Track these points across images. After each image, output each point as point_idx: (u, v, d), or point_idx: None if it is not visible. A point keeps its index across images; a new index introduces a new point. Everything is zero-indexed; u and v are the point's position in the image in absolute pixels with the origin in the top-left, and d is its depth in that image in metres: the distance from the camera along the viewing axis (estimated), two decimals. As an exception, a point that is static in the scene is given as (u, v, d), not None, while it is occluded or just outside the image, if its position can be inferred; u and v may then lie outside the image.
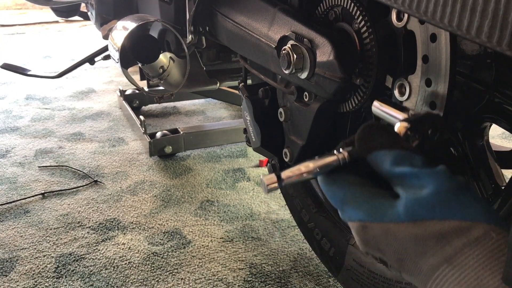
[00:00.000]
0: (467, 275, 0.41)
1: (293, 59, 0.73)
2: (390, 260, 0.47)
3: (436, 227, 0.43)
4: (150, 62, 1.31)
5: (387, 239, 0.46)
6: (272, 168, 0.93)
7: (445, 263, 0.42)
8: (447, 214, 0.43)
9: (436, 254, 0.43)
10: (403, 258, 0.45)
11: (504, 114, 0.64)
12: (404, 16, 0.64)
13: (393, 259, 0.46)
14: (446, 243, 0.43)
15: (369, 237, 0.47)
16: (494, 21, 0.36)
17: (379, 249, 0.47)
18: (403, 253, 0.45)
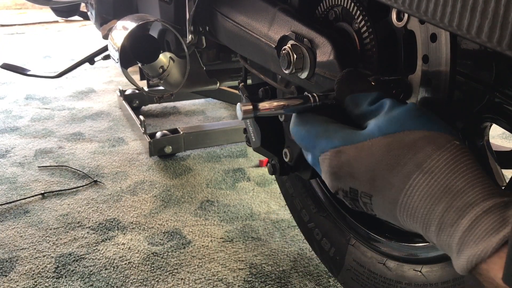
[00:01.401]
0: (437, 178, 0.44)
1: (293, 59, 0.73)
2: (361, 184, 0.48)
3: (408, 137, 0.47)
4: (150, 62, 1.31)
5: (360, 158, 0.48)
6: (272, 168, 0.93)
7: (417, 170, 0.45)
8: (417, 126, 0.48)
9: (407, 163, 0.46)
10: (375, 176, 0.47)
11: (504, 114, 0.64)
12: (404, 16, 0.64)
13: (365, 180, 0.48)
14: (418, 150, 0.46)
15: (343, 161, 0.49)
16: (494, 21, 0.36)
17: (351, 175, 0.49)
18: (375, 170, 0.47)
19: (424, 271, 0.76)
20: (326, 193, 1.01)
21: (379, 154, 0.47)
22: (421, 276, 0.76)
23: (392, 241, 0.84)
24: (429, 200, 0.44)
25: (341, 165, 0.49)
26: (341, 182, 0.50)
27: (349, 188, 0.49)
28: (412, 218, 0.46)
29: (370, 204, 0.49)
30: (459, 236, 0.43)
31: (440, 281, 0.72)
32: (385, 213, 0.48)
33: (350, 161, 0.49)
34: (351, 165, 0.49)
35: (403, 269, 0.80)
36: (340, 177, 0.50)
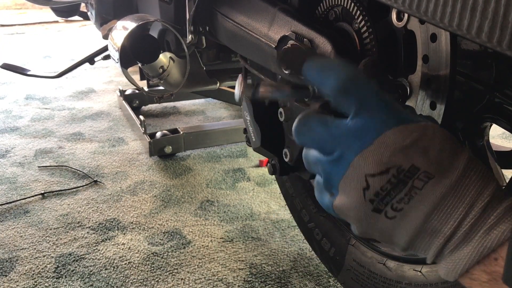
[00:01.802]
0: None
1: (293, 59, 0.73)
2: (429, 162, 0.46)
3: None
4: (150, 62, 1.31)
5: (431, 136, 0.47)
6: (272, 168, 0.93)
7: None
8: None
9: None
10: (443, 158, 0.47)
11: (504, 114, 0.64)
12: (404, 16, 0.64)
13: (434, 159, 0.46)
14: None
15: (417, 137, 0.47)
16: (494, 21, 0.36)
17: (424, 151, 0.47)
18: (444, 151, 0.47)
19: (424, 271, 0.76)
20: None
21: (443, 135, 0.47)
22: (421, 276, 0.76)
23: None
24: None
25: (418, 139, 0.46)
26: (405, 158, 0.46)
27: (410, 165, 0.45)
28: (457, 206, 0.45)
29: (418, 191, 0.45)
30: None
31: (440, 281, 0.72)
32: (420, 204, 0.45)
33: (426, 136, 0.47)
34: (427, 140, 0.47)
35: (403, 269, 0.80)
36: (407, 152, 0.46)
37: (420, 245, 0.47)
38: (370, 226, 0.49)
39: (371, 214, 0.47)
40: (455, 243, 0.45)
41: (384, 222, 0.47)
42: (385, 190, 0.46)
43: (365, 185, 0.47)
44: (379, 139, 0.46)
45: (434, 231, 0.46)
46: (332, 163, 0.49)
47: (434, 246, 0.46)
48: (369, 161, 0.46)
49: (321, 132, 0.50)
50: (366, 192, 0.47)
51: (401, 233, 0.47)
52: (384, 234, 0.49)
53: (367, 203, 0.47)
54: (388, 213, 0.46)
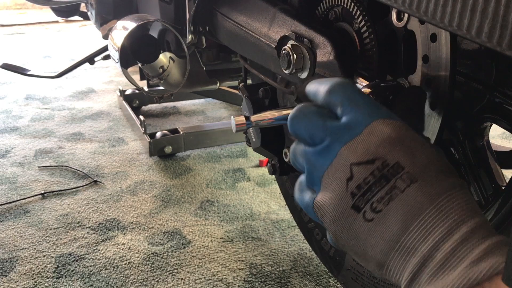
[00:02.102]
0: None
1: (293, 59, 0.73)
2: (413, 165, 0.46)
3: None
4: (150, 62, 1.31)
5: (418, 140, 0.48)
6: (272, 168, 0.93)
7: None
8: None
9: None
10: (429, 164, 0.46)
11: (504, 114, 0.64)
12: (404, 16, 0.64)
13: (418, 164, 0.46)
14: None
15: (404, 134, 0.47)
16: (494, 21, 0.36)
17: (409, 150, 0.46)
18: (430, 159, 0.47)
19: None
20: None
21: (435, 152, 0.47)
22: (421, 276, 0.76)
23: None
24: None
25: (406, 137, 0.46)
26: (391, 152, 0.45)
27: (395, 162, 0.45)
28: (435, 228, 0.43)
29: (399, 193, 0.44)
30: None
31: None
32: (400, 210, 0.44)
33: (415, 138, 0.47)
34: (416, 142, 0.46)
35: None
36: (395, 146, 0.46)
37: (395, 262, 0.45)
38: (346, 229, 0.47)
39: (349, 212, 0.46)
40: (434, 268, 0.42)
41: (361, 225, 0.46)
42: (367, 183, 0.45)
43: (349, 175, 0.46)
44: (368, 128, 0.47)
45: (412, 248, 0.43)
46: (318, 153, 0.49)
47: (410, 266, 0.43)
48: (356, 150, 0.46)
49: (315, 121, 0.50)
50: (349, 183, 0.46)
51: (377, 242, 0.45)
52: (359, 241, 0.47)
53: (348, 197, 0.46)
54: (367, 214, 0.45)
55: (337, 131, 0.48)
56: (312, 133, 0.50)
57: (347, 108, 0.49)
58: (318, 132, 0.50)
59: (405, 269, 0.44)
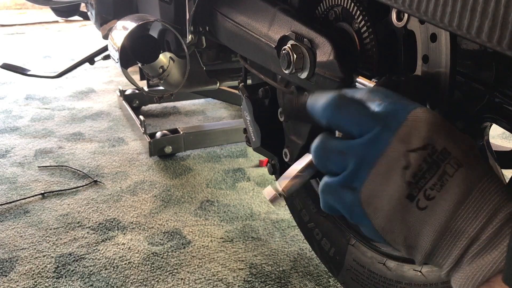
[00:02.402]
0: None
1: (293, 59, 0.73)
2: (459, 150, 0.46)
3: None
4: (150, 62, 1.31)
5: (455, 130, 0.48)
6: (272, 168, 0.93)
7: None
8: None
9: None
10: (470, 149, 0.47)
11: (504, 114, 0.64)
12: (404, 16, 0.64)
13: (463, 149, 0.46)
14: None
15: (446, 123, 0.48)
16: (494, 21, 0.36)
17: (454, 137, 0.47)
18: (472, 145, 0.47)
19: (424, 271, 0.76)
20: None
21: (469, 139, 0.48)
22: (421, 276, 0.76)
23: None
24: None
25: (445, 123, 0.46)
26: (438, 137, 0.45)
27: (442, 147, 0.45)
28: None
29: (449, 178, 0.44)
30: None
31: (440, 281, 0.72)
32: (451, 195, 0.44)
33: (451, 125, 0.47)
34: (452, 128, 0.47)
35: (403, 269, 0.80)
36: (440, 131, 0.46)
37: (443, 248, 0.45)
38: (399, 221, 0.46)
39: (404, 202, 0.45)
40: (478, 248, 0.43)
41: (414, 215, 0.45)
42: (422, 170, 0.45)
43: (405, 163, 0.45)
44: (412, 114, 0.46)
45: (459, 231, 0.44)
46: (368, 143, 0.47)
47: (456, 249, 0.44)
48: (408, 136, 0.46)
49: (362, 109, 0.48)
50: (406, 173, 0.45)
51: (428, 231, 0.45)
52: (411, 232, 0.46)
53: (404, 186, 0.45)
54: (420, 202, 0.45)
55: (384, 118, 0.47)
56: (360, 121, 0.48)
57: (385, 100, 0.48)
58: (367, 120, 0.48)
59: (451, 253, 0.45)
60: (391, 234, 0.47)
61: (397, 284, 0.81)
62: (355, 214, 0.49)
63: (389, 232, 0.47)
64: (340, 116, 0.49)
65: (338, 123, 0.50)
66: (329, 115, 0.50)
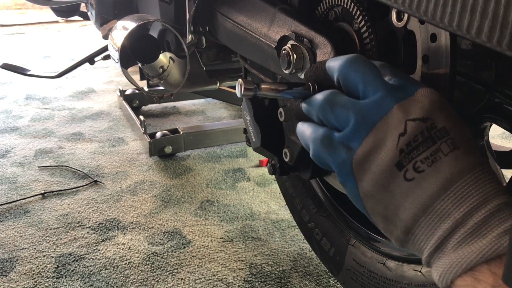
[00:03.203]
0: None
1: (293, 59, 0.73)
2: (458, 131, 0.47)
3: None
4: (150, 62, 1.31)
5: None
6: (272, 168, 0.93)
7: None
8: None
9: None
10: (467, 132, 0.48)
11: (504, 114, 0.64)
12: (404, 16, 0.64)
13: (460, 130, 0.47)
14: None
15: (448, 104, 0.49)
16: (494, 21, 0.36)
17: (454, 119, 0.48)
18: (467, 130, 0.48)
19: (424, 271, 0.76)
20: (326, 193, 1.01)
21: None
22: (421, 276, 0.76)
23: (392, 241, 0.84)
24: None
25: (448, 105, 0.48)
26: (440, 116, 0.47)
27: (442, 126, 0.46)
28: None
29: (442, 156, 0.45)
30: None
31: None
32: (441, 173, 0.44)
33: (452, 108, 0.48)
34: (453, 111, 0.48)
35: (403, 269, 0.80)
36: (443, 111, 0.47)
37: (423, 227, 0.44)
38: (384, 187, 0.47)
39: (392, 169, 0.46)
40: (462, 235, 0.42)
41: (399, 184, 0.46)
42: (416, 141, 0.46)
43: (402, 130, 0.46)
44: (420, 91, 0.49)
45: (444, 213, 0.43)
46: (372, 105, 0.49)
47: (439, 232, 0.43)
48: (411, 107, 0.47)
49: (374, 73, 0.51)
50: (400, 139, 0.46)
51: (410, 204, 0.45)
52: (392, 202, 0.46)
53: (396, 153, 0.46)
54: (408, 173, 0.45)
55: (392, 87, 0.49)
56: (368, 83, 0.50)
57: (396, 76, 0.51)
58: (375, 84, 0.50)
59: (433, 235, 0.44)
60: (372, 200, 0.48)
61: (397, 284, 0.81)
62: (344, 171, 0.50)
63: (371, 198, 0.48)
64: (353, 71, 0.51)
65: (349, 78, 0.52)
66: (342, 69, 0.52)
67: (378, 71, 0.51)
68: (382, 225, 0.49)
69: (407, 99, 0.48)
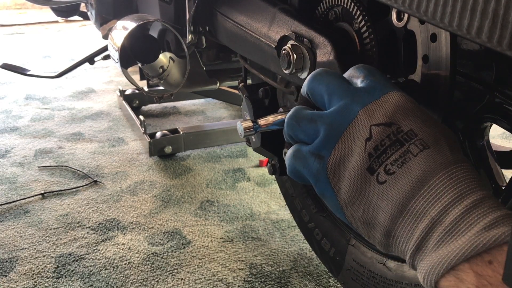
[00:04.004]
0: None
1: (293, 59, 0.73)
2: (427, 133, 0.47)
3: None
4: (150, 62, 1.31)
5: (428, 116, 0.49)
6: (272, 168, 0.93)
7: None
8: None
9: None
10: (441, 135, 0.48)
11: (504, 114, 0.64)
12: (404, 16, 0.64)
13: (431, 132, 0.47)
14: None
15: (416, 106, 0.50)
16: (494, 21, 0.36)
17: (423, 119, 0.48)
18: (442, 131, 0.48)
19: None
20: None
21: (447, 130, 0.49)
22: (421, 276, 0.76)
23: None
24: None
25: (418, 109, 0.49)
26: (405, 119, 0.47)
27: (409, 129, 0.47)
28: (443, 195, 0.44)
29: (412, 157, 0.45)
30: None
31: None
32: (412, 173, 0.45)
33: (426, 113, 0.49)
34: (427, 116, 0.48)
35: (403, 269, 0.80)
36: (408, 115, 0.48)
37: (402, 228, 0.44)
38: (359, 193, 0.47)
39: (365, 173, 0.47)
40: (441, 233, 0.42)
41: (374, 188, 0.46)
42: (383, 145, 0.46)
43: (368, 135, 0.47)
44: (385, 96, 0.49)
45: (420, 212, 0.43)
46: (338, 113, 0.50)
47: (418, 231, 0.43)
48: (375, 112, 0.48)
49: (338, 81, 0.52)
50: (367, 143, 0.47)
51: (386, 206, 0.45)
52: (369, 206, 0.47)
53: (366, 157, 0.47)
54: (380, 176, 0.46)
55: (357, 93, 0.50)
56: (333, 92, 0.51)
57: (368, 78, 0.52)
58: (339, 92, 0.51)
59: (412, 235, 0.44)
60: (351, 207, 0.49)
61: (397, 284, 0.81)
62: (320, 182, 0.51)
63: (349, 205, 0.49)
64: (317, 84, 0.53)
65: (315, 92, 0.53)
66: (309, 85, 0.54)
67: (343, 79, 0.53)
68: (364, 231, 0.49)
69: (372, 104, 0.49)
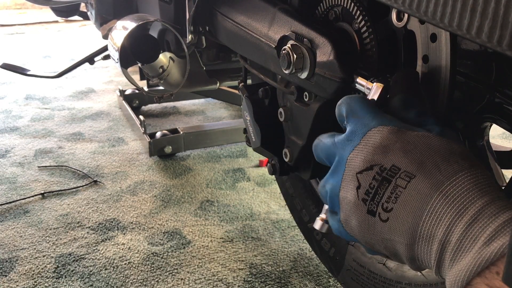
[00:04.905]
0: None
1: (293, 59, 0.73)
2: (409, 163, 0.48)
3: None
4: (150, 62, 1.31)
5: (417, 141, 0.50)
6: (272, 168, 0.93)
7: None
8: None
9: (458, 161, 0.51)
10: (426, 159, 0.49)
11: (504, 114, 0.64)
12: (404, 16, 0.64)
13: (414, 161, 0.49)
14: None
15: (400, 138, 0.51)
16: (494, 21, 0.36)
17: (404, 151, 0.49)
18: (429, 156, 0.49)
19: (424, 271, 0.76)
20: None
21: (436, 144, 0.49)
22: (421, 276, 0.76)
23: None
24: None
25: (397, 140, 0.50)
26: (386, 157, 0.49)
27: (391, 165, 0.49)
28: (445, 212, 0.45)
29: (402, 190, 0.47)
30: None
31: (440, 281, 0.72)
32: (409, 204, 0.47)
33: (407, 140, 0.50)
34: (407, 143, 0.50)
35: (403, 269, 0.80)
36: (387, 151, 0.49)
37: (421, 253, 0.47)
38: (371, 233, 0.50)
39: (367, 217, 0.49)
40: (452, 251, 0.43)
41: (382, 227, 0.49)
42: (373, 188, 0.49)
43: (357, 183, 0.50)
44: (364, 139, 0.52)
45: (430, 235, 0.45)
46: (334, 171, 0.54)
47: (433, 253, 0.45)
48: (357, 159, 0.51)
49: (327, 142, 0.56)
50: (359, 191, 0.50)
51: (400, 238, 0.47)
52: (386, 242, 0.49)
53: (361, 204, 0.50)
54: (382, 215, 0.48)
55: (342, 145, 0.54)
56: (327, 153, 0.56)
57: (350, 119, 0.55)
58: (331, 150, 0.55)
59: (430, 257, 0.46)
60: (374, 246, 0.52)
61: (397, 284, 0.81)
62: (343, 235, 0.56)
63: (372, 245, 0.52)
64: (317, 154, 0.59)
65: (321, 161, 0.58)
66: (316, 157, 0.60)
67: (332, 134, 0.57)
68: (395, 260, 0.52)
69: (353, 152, 0.52)
